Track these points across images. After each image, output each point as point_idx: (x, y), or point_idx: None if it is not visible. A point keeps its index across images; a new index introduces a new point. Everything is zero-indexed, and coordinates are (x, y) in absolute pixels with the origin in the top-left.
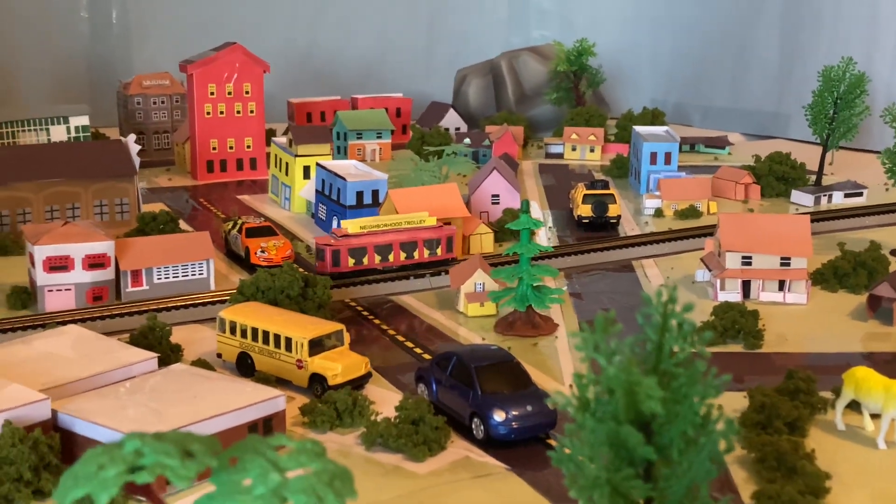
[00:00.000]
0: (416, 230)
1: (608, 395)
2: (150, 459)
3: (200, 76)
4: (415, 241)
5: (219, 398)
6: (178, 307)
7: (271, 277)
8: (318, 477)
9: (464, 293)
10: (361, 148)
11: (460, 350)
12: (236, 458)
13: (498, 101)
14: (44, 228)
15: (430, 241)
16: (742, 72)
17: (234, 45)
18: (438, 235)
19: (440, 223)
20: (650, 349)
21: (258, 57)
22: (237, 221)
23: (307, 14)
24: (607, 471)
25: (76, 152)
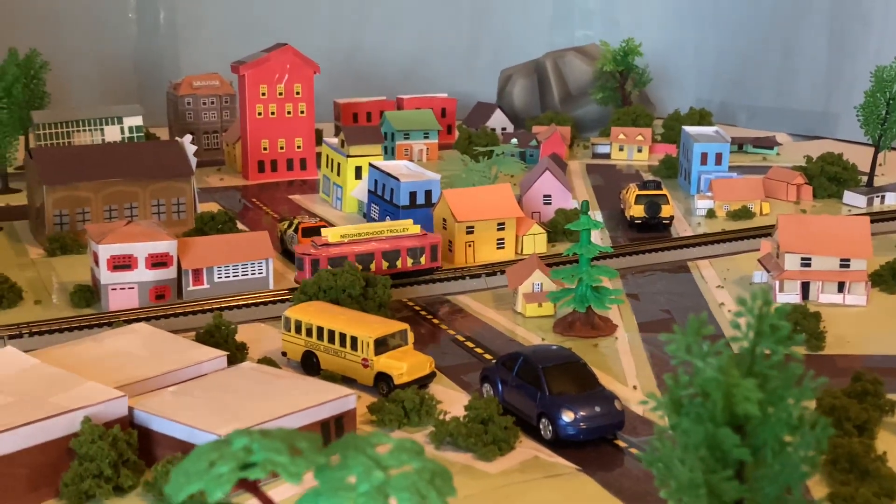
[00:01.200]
0: (399, 238)
1: (702, 397)
2: (261, 456)
3: (252, 77)
4: (397, 250)
5: (291, 397)
6: (240, 306)
7: (333, 277)
8: (419, 475)
9: (522, 293)
10: (409, 148)
11: (526, 350)
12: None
13: (542, 101)
14: (107, 228)
15: (413, 249)
16: (789, 71)
17: (285, 47)
18: (422, 244)
19: (423, 233)
20: (743, 351)
21: (308, 58)
22: (293, 221)
23: (351, 14)
24: (703, 473)
25: (134, 153)
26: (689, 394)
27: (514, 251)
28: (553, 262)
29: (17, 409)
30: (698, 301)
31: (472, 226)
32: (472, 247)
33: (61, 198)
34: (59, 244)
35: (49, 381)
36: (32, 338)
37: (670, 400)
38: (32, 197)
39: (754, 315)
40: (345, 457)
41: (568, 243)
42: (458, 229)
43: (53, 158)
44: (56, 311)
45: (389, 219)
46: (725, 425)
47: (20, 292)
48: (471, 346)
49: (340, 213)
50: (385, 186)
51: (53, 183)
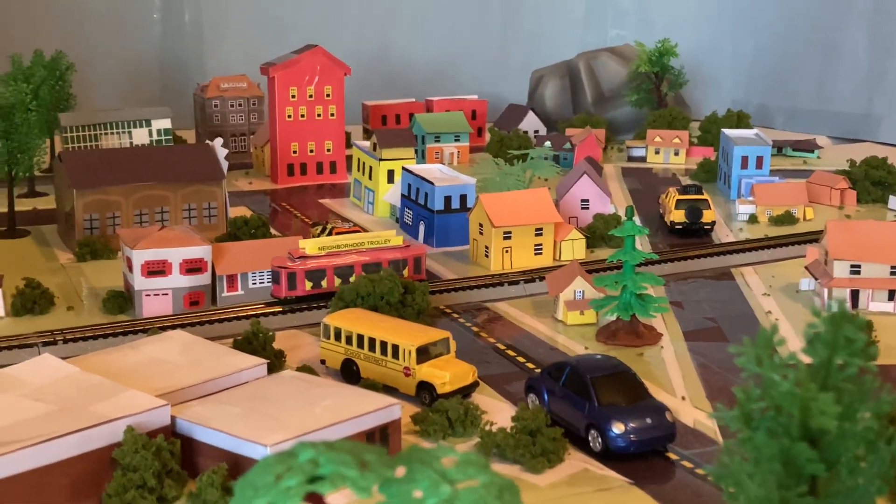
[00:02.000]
0: (380, 251)
1: (774, 411)
2: (328, 469)
3: (282, 79)
4: (378, 263)
5: (335, 406)
6: (275, 313)
7: (371, 283)
8: (486, 489)
9: (563, 301)
10: (439, 151)
11: (574, 360)
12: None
13: (575, 103)
14: (141, 233)
15: (395, 261)
16: (829, 72)
17: (315, 48)
18: (405, 256)
19: (406, 245)
20: (817, 364)
21: (338, 59)
22: (326, 226)
23: (379, 15)
24: (776, 488)
25: (164, 156)
26: (760, 407)
27: (552, 257)
28: (593, 269)
29: (59, 417)
30: (744, 309)
31: (510, 231)
32: (510, 252)
33: (91, 202)
34: (89, 249)
35: (89, 389)
36: (67, 345)
37: (741, 413)
38: (61, 201)
39: (830, 327)
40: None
41: (607, 249)
42: (495, 235)
43: (83, 162)
44: (88, 318)
45: (424, 224)
46: (800, 440)
47: (52, 298)
48: (512, 354)
49: (372, 218)
50: (419, 191)
51: (83, 187)
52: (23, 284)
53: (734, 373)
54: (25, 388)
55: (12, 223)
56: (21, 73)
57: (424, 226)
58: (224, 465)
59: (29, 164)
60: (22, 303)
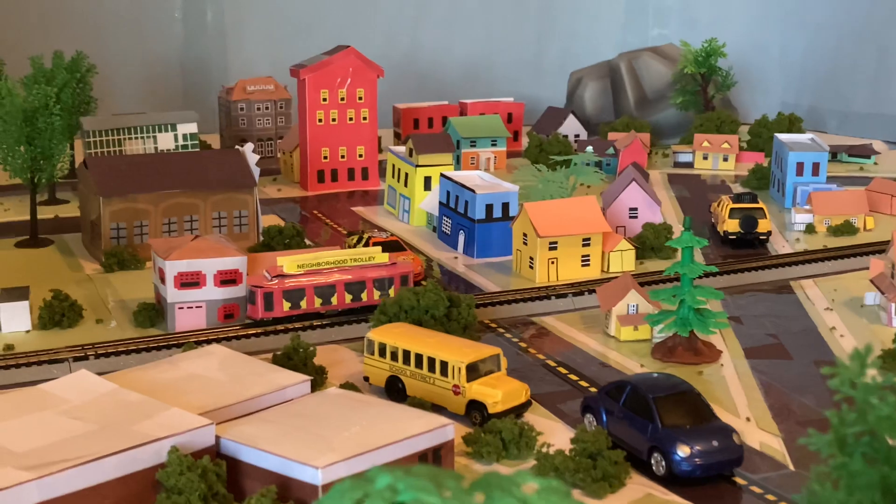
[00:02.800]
0: (364, 268)
1: (870, 436)
2: (408, 496)
3: (313, 81)
4: (362, 282)
5: (386, 426)
6: (313, 327)
7: (415, 296)
8: None
9: (615, 315)
10: (475, 156)
11: (634, 379)
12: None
13: (616, 106)
14: (174, 243)
15: (380, 280)
16: (885, 73)
17: (347, 49)
18: (391, 274)
19: (392, 262)
20: None
21: (371, 61)
22: (362, 235)
23: (409, 13)
24: None
25: (193, 162)
26: (855, 432)
27: (600, 269)
28: (644, 282)
29: (101, 437)
30: (807, 324)
31: (556, 241)
32: (556, 264)
33: (118, 210)
34: (116, 259)
35: (130, 407)
36: (98, 360)
37: (835, 439)
38: (86, 209)
39: None
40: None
41: (657, 261)
42: (540, 245)
43: (109, 168)
44: (119, 331)
45: (464, 233)
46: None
47: (80, 311)
48: (564, 371)
49: (408, 227)
50: (459, 198)
51: (110, 194)
52: (50, 296)
53: (800, 392)
54: (63, 406)
55: (35, 232)
56: (42, 76)
57: (464, 235)
58: (273, 487)
59: (52, 170)
60: (50, 315)
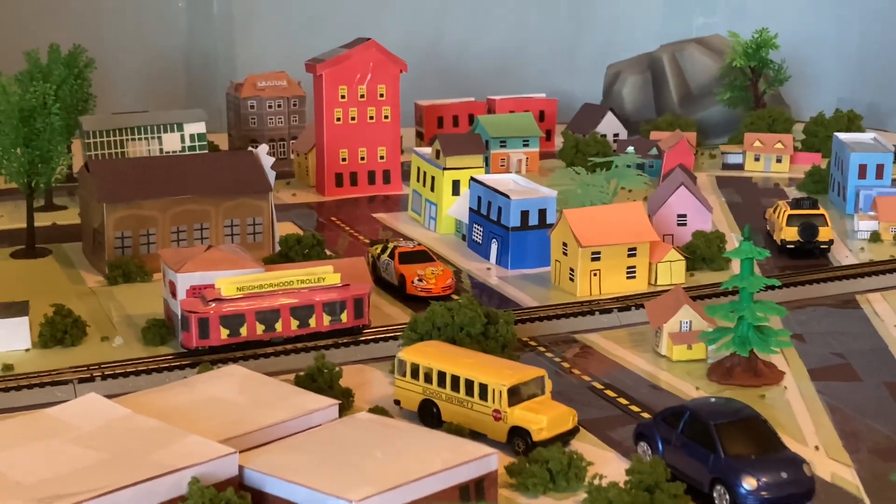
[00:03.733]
0: (313, 291)
1: None
2: None
3: (331, 77)
4: (311, 306)
5: (423, 455)
6: (337, 345)
7: (449, 312)
8: None
9: (667, 333)
10: (505, 158)
11: (693, 404)
12: None
13: (658, 102)
14: (186, 254)
15: (331, 304)
16: None
17: (367, 42)
18: (343, 297)
19: (344, 283)
20: None
21: (394, 55)
22: (387, 245)
23: (432, 2)
24: None
25: (203, 165)
26: None
27: (647, 281)
28: (696, 296)
29: (115, 467)
30: (876, 343)
31: (599, 251)
32: (598, 276)
33: (123, 217)
34: (120, 271)
35: (145, 434)
36: (106, 381)
37: None
38: (88, 216)
39: None
40: None
41: (709, 272)
42: (581, 255)
43: (113, 172)
44: (127, 350)
45: (497, 242)
46: None
47: (84, 327)
48: (612, 395)
49: (434, 235)
50: (491, 205)
51: (114, 200)
52: (51, 311)
53: (872, 417)
54: (73, 433)
55: (32, 241)
56: (38, 72)
57: (497, 245)
58: None
59: (51, 174)
60: (51, 332)
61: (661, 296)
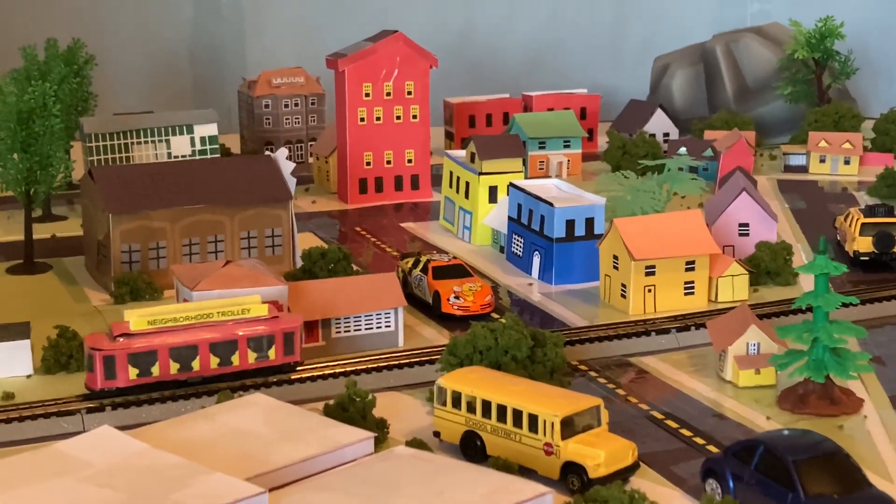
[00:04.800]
0: (236, 324)
1: None
2: None
3: (354, 73)
4: (233, 341)
5: (471, 494)
6: (367, 370)
7: (492, 334)
8: None
9: (732, 356)
10: (544, 160)
11: (767, 437)
12: None
13: (711, 98)
14: (201, 269)
15: (257, 339)
16: None
17: (394, 34)
18: (271, 331)
19: (272, 315)
20: None
21: (423, 48)
22: (420, 258)
23: None
24: None
25: (217, 171)
26: None
27: (707, 297)
28: (762, 314)
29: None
30: None
31: (654, 265)
32: (653, 292)
33: (131, 229)
34: (128, 288)
35: (165, 471)
36: (116, 411)
37: None
38: (91, 227)
39: None
40: None
41: (775, 288)
42: (634, 270)
43: (119, 179)
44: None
45: (539, 255)
46: None
47: None
48: (673, 425)
49: (469, 247)
50: (532, 213)
51: (121, 211)
52: (54, 334)
53: None
54: (87, 471)
55: (30, 255)
56: (36, 69)
57: (540, 257)
58: None
59: (51, 181)
60: (55, 357)
61: (724, 314)
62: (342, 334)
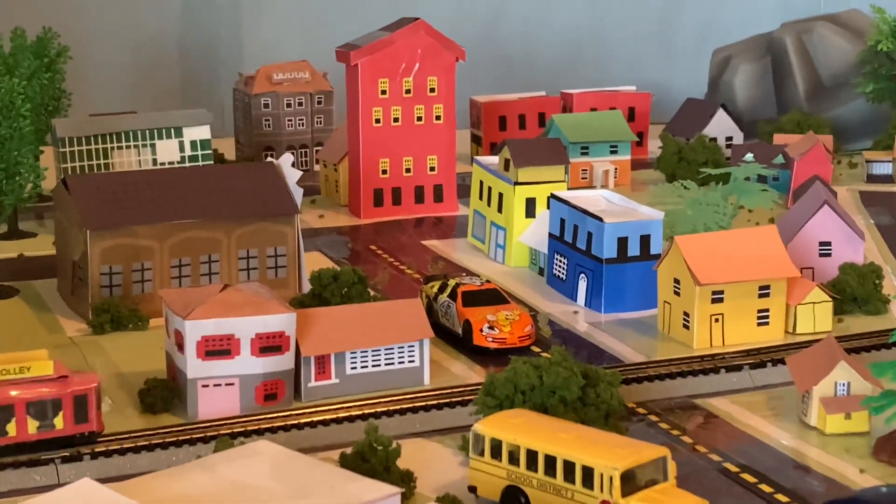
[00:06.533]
0: (13, 385)
1: None
2: None
3: (368, 67)
4: (8, 406)
5: None
6: (389, 412)
7: (536, 371)
8: None
9: (817, 398)
10: (587, 168)
11: (867, 495)
12: None
13: (780, 97)
14: (194, 295)
15: (39, 404)
16: None
17: (415, 22)
18: (58, 394)
19: (60, 374)
20: None
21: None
22: (446, 282)
23: None
24: None
25: (211, 181)
26: None
27: (784, 328)
28: (850, 348)
29: None
30: None
31: (721, 290)
32: (721, 322)
33: (111, 248)
34: (108, 316)
35: None
36: (96, 460)
37: None
38: (65, 245)
39: None
40: None
41: (863, 317)
42: (699, 296)
43: (98, 190)
44: (120, 419)
45: (586, 278)
46: None
47: None
48: (751, 479)
49: (503, 268)
50: (578, 229)
51: (100, 227)
52: None
53: None
54: None
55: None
56: (2, 63)
57: (587, 281)
58: None
59: (19, 192)
60: None
61: (807, 349)
62: (358, 370)
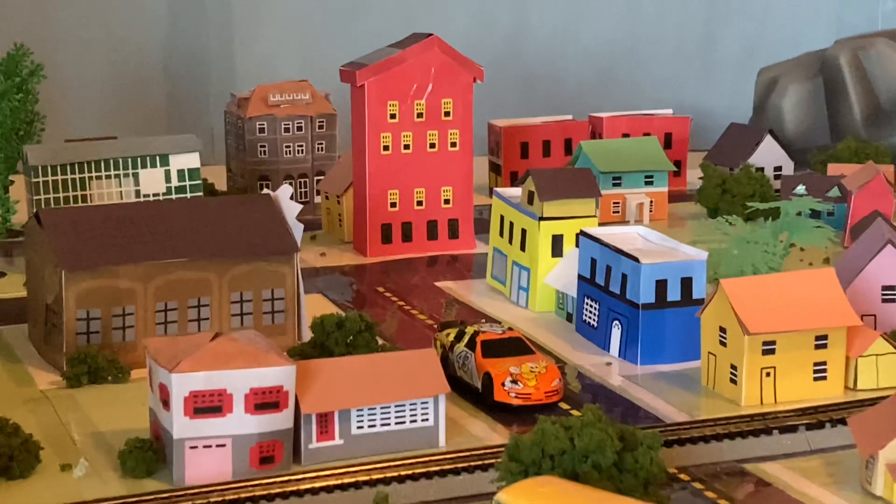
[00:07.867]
0: None
1: None
2: None
3: (376, 88)
4: None
5: None
6: (401, 478)
7: (566, 433)
8: None
9: (884, 464)
10: (619, 201)
11: None
12: None
13: (834, 122)
14: (182, 344)
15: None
16: None
17: (428, 38)
18: None
19: None
20: None
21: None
22: (463, 329)
23: None
24: None
25: (200, 215)
26: None
27: (844, 384)
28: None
29: None
30: None
31: (773, 341)
32: (773, 376)
33: (89, 290)
34: (85, 367)
35: None
36: None
37: None
38: (37, 287)
39: None
40: None
41: None
42: (749, 347)
43: (74, 226)
44: (98, 484)
45: (621, 325)
46: None
47: (37, 451)
48: None
49: (527, 314)
50: (611, 270)
51: (76, 266)
52: None
53: None
54: None
55: None
56: None
57: (621, 329)
58: None
59: None
60: None
61: (871, 408)
62: (366, 430)
